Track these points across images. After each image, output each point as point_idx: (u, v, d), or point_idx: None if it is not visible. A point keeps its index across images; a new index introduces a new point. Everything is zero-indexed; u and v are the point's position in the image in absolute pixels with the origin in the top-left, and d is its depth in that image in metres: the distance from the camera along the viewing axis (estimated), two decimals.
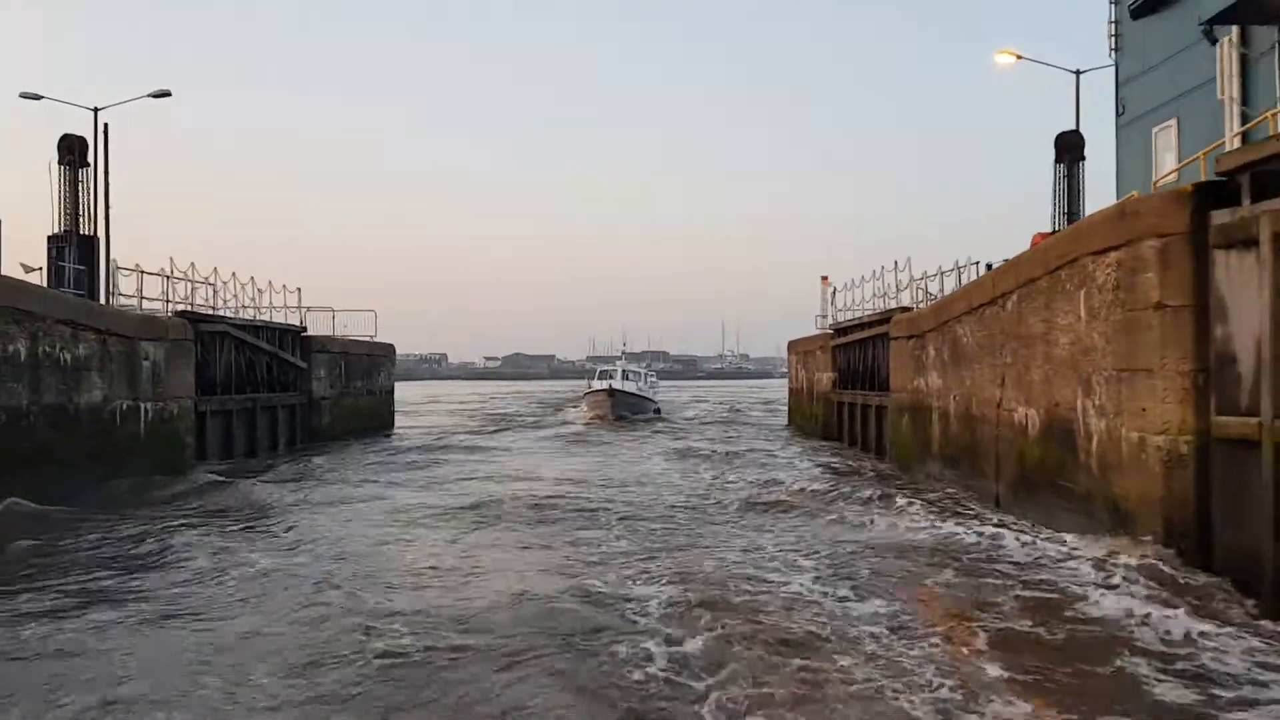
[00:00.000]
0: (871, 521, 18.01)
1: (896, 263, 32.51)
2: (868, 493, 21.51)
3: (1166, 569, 12.13)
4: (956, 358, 21.87)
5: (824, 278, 47.21)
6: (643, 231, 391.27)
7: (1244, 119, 18.98)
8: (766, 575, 13.46)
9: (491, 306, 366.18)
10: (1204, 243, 12.53)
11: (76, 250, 30.23)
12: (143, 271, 28.70)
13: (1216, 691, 8.60)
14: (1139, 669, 9.22)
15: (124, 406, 23.40)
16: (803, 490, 22.70)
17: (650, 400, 60.66)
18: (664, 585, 12.84)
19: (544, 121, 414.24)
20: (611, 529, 17.79)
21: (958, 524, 17.04)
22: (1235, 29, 19.57)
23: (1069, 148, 32.34)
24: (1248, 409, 11.59)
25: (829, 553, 15.08)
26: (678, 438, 42.06)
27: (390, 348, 47.55)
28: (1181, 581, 11.73)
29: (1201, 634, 10.00)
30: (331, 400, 38.56)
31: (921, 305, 28.60)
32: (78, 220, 31.00)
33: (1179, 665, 9.24)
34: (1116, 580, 12.09)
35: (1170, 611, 10.67)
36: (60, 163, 31.36)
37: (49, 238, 30.09)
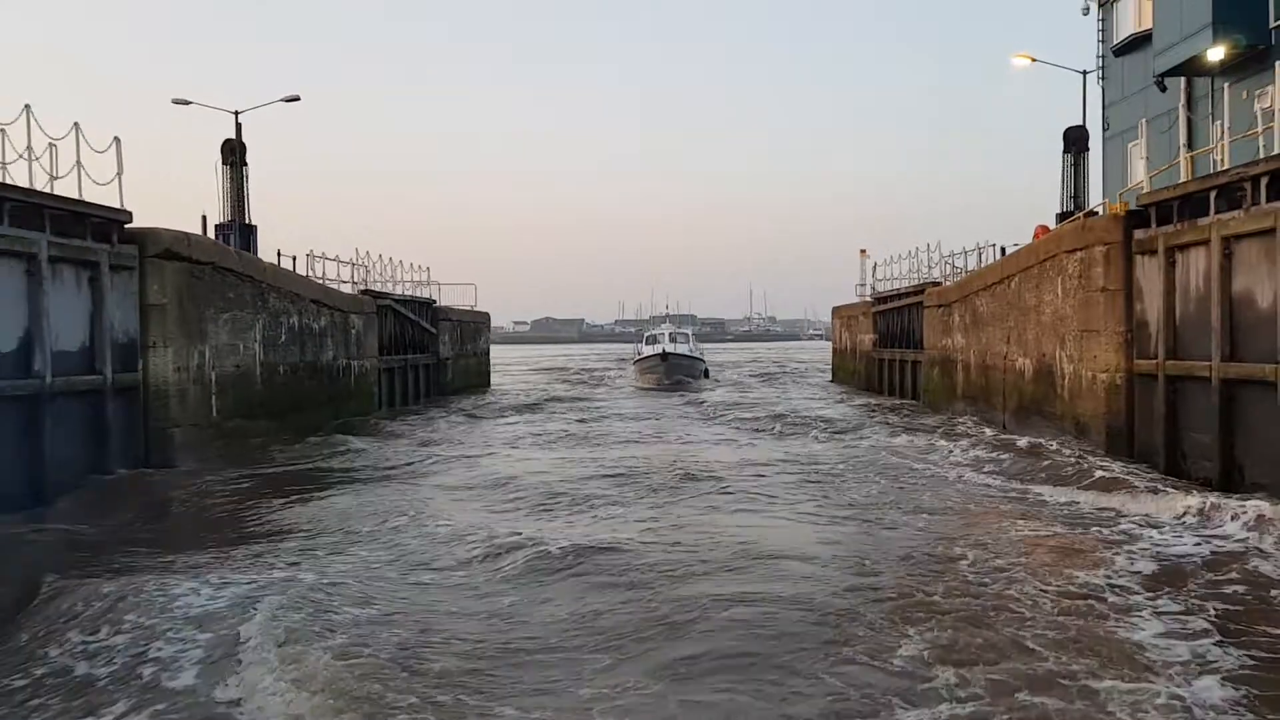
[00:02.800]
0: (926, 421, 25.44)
1: (929, 245, 39.57)
2: (924, 420, 29.26)
3: (1104, 457, 19.38)
4: (976, 323, 29.12)
5: (863, 251, 54.23)
6: (669, 194, 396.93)
7: (1192, 145, 25.91)
8: (851, 440, 20.91)
9: (518, 269, 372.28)
10: (1130, 250, 19.72)
11: (239, 236, 37.64)
12: (329, 259, 36.06)
13: (1126, 498, 15.77)
14: (1084, 493, 16.47)
15: (343, 364, 31.01)
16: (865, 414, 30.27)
17: (701, 361, 61.50)
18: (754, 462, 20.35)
19: (575, 86, 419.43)
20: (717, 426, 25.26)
21: (985, 428, 24.52)
22: (1181, 80, 26.50)
23: (1075, 140, 38.68)
24: (1152, 355, 18.82)
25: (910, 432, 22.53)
26: (736, 389, 49.59)
27: (486, 316, 55.13)
28: (1112, 462, 18.96)
29: (1119, 479, 17.19)
30: (452, 360, 46.13)
31: (948, 280, 35.69)
32: (239, 211, 38.43)
33: (1106, 495, 16.43)
34: (1073, 458, 19.37)
35: (1100, 471, 17.92)
36: (224, 163, 38.68)
37: (216, 226, 37.04)
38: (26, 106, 17.79)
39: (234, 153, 39.44)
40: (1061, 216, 31.57)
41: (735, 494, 17.74)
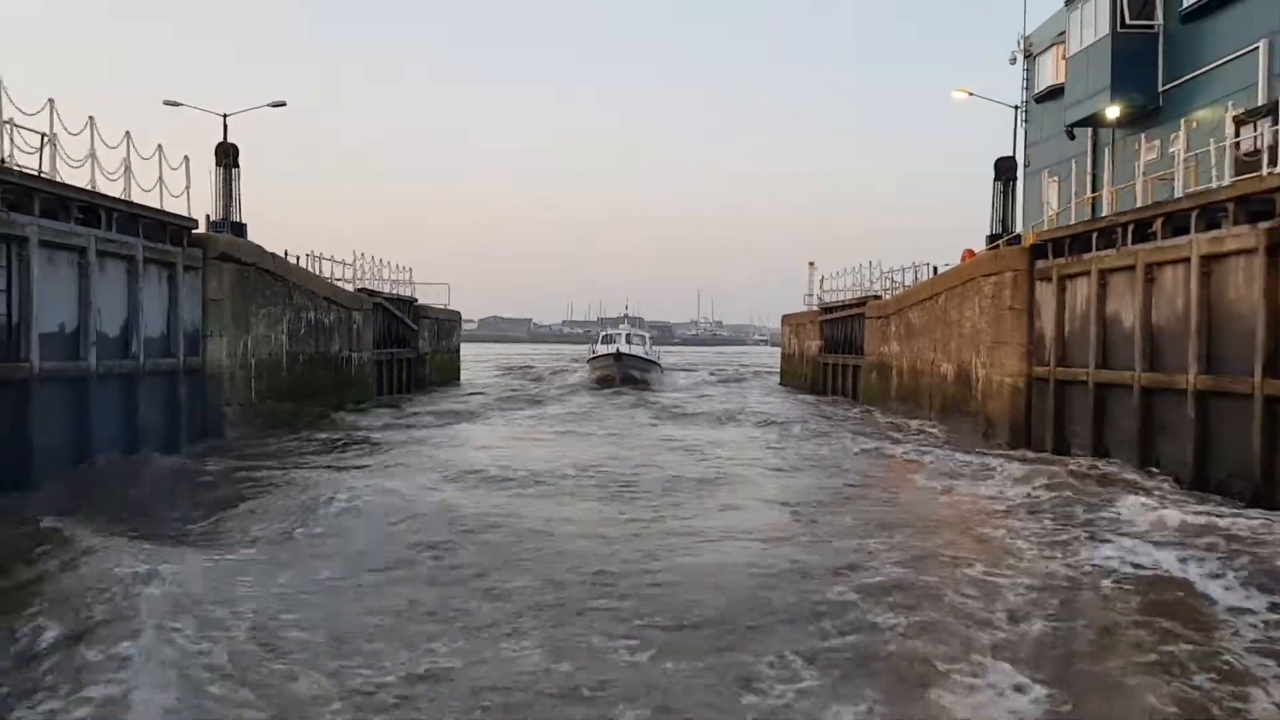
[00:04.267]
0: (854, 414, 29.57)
1: (870, 262, 43.90)
2: (854, 412, 33.24)
3: (1008, 449, 23.55)
4: (909, 333, 33.36)
5: (811, 263, 58.53)
6: (617, 198, 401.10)
7: (1095, 187, 30.28)
8: (779, 434, 24.94)
9: (464, 267, 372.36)
10: (1032, 277, 23.97)
11: (230, 233, 40.88)
12: (330, 259, 39.44)
13: (1021, 482, 19.90)
14: (988, 481, 20.53)
15: (347, 355, 34.50)
16: (810, 410, 34.37)
17: (654, 363, 62.29)
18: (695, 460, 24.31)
19: (519, 82, 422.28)
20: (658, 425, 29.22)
21: (912, 420, 28.72)
22: (1089, 130, 30.91)
23: (1004, 170, 43.14)
24: (1046, 363, 23.06)
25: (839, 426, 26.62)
26: (690, 390, 53.66)
27: (458, 314, 58.60)
28: (1015, 452, 23.10)
29: (1013, 467, 21.29)
30: (429, 355, 49.61)
31: (888, 294, 39.95)
32: (229, 209, 41.68)
33: (1009, 482, 20.46)
34: (984, 453, 23.56)
35: (1004, 462, 22.05)
36: (217, 165, 41.90)
37: (211, 223, 40.40)
38: (127, 134, 21.22)
39: (227, 155, 42.74)
40: (991, 238, 35.80)
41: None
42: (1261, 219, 15.95)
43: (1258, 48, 23.24)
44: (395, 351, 43.24)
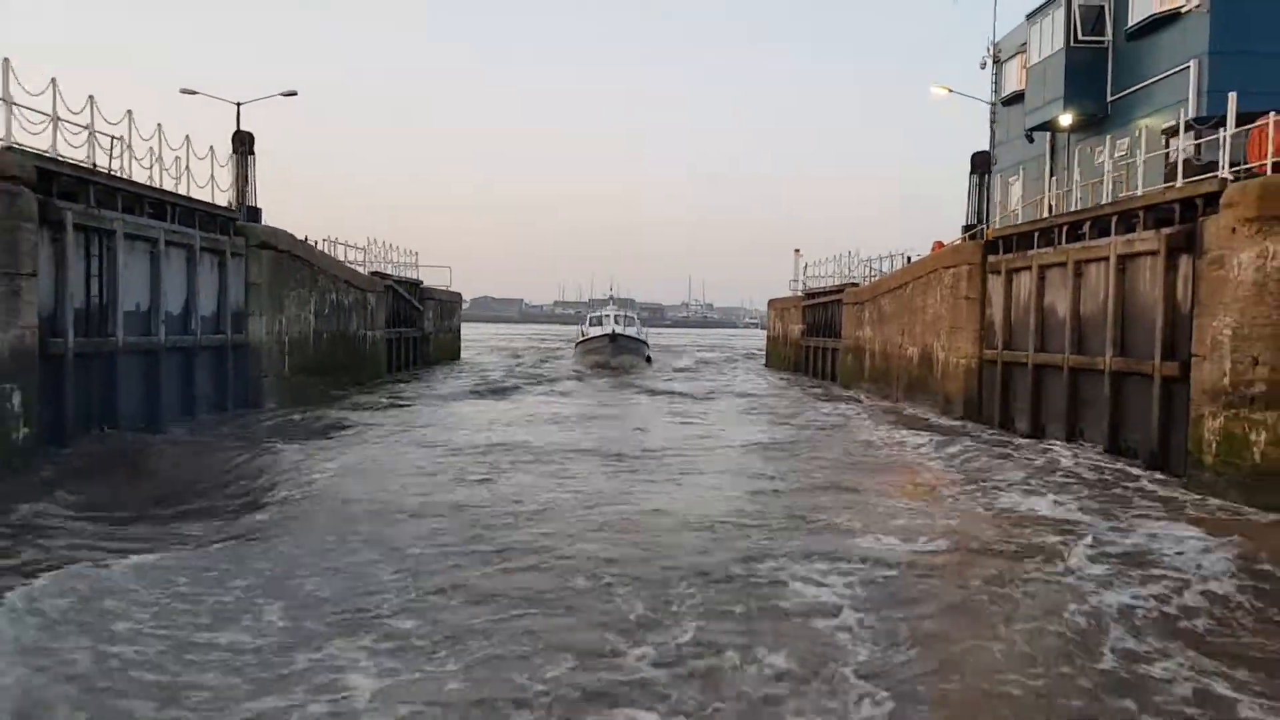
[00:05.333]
0: (829, 395, 32.58)
1: (850, 251, 46.80)
2: (833, 391, 36.27)
3: (962, 421, 26.54)
4: (880, 319, 36.30)
5: (797, 250, 61.27)
6: (611, 180, 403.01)
7: (1056, 185, 33.19)
8: (762, 409, 27.92)
9: (455, 247, 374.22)
10: (985, 270, 26.91)
11: (246, 218, 43.62)
12: (340, 244, 42.16)
13: (975, 450, 22.89)
14: (945, 451, 23.53)
15: (362, 334, 37.31)
16: (789, 387, 37.34)
17: (645, 344, 62.92)
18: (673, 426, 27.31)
19: (513, 66, 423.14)
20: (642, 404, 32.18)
21: (880, 400, 31.71)
22: (1047, 134, 33.81)
23: (980, 164, 45.94)
24: (995, 347, 26.03)
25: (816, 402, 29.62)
26: (682, 371, 56.61)
27: (459, 295, 61.38)
28: (967, 425, 26.10)
29: (966, 436, 24.29)
30: (433, 335, 52.43)
31: (864, 282, 42.87)
32: (244, 194, 44.35)
33: (964, 449, 23.47)
34: (943, 424, 26.54)
35: (959, 433, 25.05)
36: (234, 152, 44.57)
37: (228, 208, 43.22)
38: (187, 137, 23.98)
39: (243, 143, 45.40)
40: (967, 228, 38.53)
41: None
42: (1165, 225, 18.88)
43: (1189, 67, 26.12)
44: (403, 331, 46.04)
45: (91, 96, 19.84)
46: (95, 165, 19.66)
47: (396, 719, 7.26)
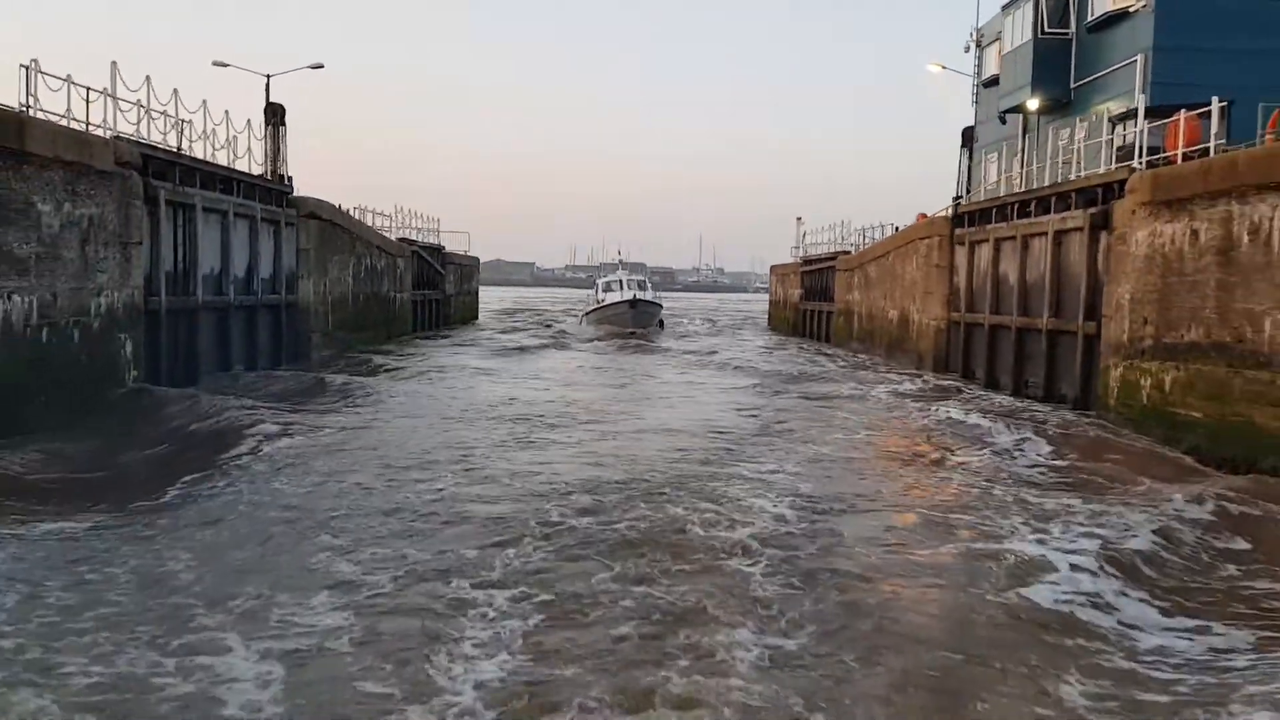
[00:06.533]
0: (820, 352, 35.98)
1: (842, 221, 49.95)
2: (824, 349, 39.83)
3: (934, 376, 29.88)
4: (867, 284, 39.61)
5: (799, 218, 64.37)
6: (623, 143, 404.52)
7: (1024, 163, 36.30)
8: (759, 361, 31.36)
9: (467, 209, 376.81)
10: (953, 241, 30.18)
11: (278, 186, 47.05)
12: (371, 211, 45.51)
13: (936, 399, 26.29)
14: (922, 399, 26.91)
15: (392, 295, 40.77)
16: (784, 347, 40.86)
17: (660, 306, 61.92)
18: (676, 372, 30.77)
19: (536, 36, 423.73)
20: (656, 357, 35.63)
21: (864, 356, 35.13)
22: (1019, 116, 36.88)
23: (969, 139, 48.89)
24: (959, 310, 29.34)
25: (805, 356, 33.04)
26: (691, 334, 60.03)
27: (477, 260, 64.77)
28: (939, 379, 29.41)
29: (934, 385, 27.61)
30: (453, 297, 55.88)
31: (855, 250, 46.09)
32: (276, 164, 47.65)
33: (933, 398, 26.86)
34: (911, 374, 29.92)
35: (931, 383, 28.39)
36: (266, 124, 47.80)
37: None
38: (248, 121, 27.31)
39: (275, 114, 48.63)
40: (957, 199, 41.46)
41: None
42: (1091, 205, 22.14)
43: (1135, 61, 29.18)
44: (427, 293, 49.51)
45: (176, 90, 23.30)
46: (179, 149, 23.05)
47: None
